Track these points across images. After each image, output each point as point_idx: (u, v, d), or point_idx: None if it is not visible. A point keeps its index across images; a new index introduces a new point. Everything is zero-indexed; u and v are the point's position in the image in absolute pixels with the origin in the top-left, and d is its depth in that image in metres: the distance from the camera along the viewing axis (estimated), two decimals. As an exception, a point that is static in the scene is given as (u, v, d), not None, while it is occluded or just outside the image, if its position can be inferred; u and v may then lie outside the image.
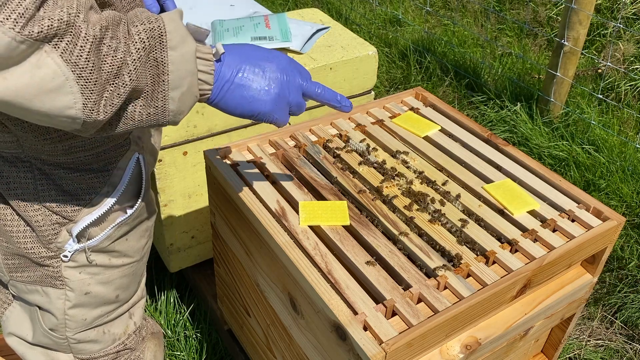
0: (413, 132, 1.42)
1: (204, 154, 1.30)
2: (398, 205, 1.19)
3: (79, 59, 0.63)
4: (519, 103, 2.85)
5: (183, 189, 1.65)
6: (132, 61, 0.68)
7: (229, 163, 1.27)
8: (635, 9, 3.45)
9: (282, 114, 0.87)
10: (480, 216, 1.17)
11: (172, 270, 1.83)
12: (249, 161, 1.29)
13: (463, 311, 0.97)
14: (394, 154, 1.34)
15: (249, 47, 0.85)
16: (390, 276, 1.02)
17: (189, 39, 0.73)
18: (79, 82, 0.64)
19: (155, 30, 0.70)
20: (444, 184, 1.25)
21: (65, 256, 0.92)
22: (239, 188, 1.19)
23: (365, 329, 0.93)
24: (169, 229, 1.70)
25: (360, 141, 1.38)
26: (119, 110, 0.71)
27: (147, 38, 0.69)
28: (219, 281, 1.57)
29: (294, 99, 0.88)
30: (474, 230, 1.13)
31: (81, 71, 0.63)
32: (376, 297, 0.99)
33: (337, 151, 1.34)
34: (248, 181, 1.22)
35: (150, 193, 1.04)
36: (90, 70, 0.64)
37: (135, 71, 0.68)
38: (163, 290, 1.96)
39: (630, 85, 2.99)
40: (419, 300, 0.99)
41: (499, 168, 1.32)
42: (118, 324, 1.07)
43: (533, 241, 1.12)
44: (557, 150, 2.58)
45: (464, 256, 1.07)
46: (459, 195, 1.22)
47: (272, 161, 1.29)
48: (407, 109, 1.53)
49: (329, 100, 0.93)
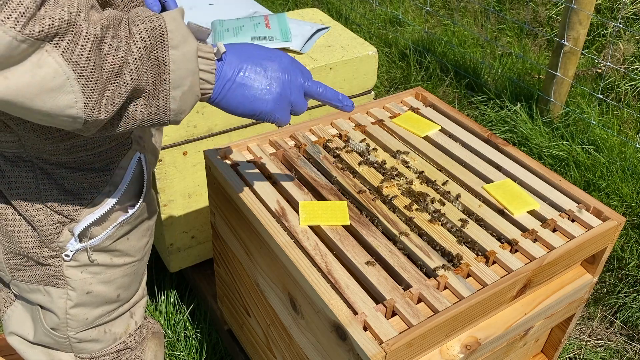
0: (413, 132, 1.43)
1: (204, 154, 1.30)
2: (398, 205, 1.19)
3: (80, 58, 0.63)
4: (519, 103, 2.85)
5: (183, 189, 1.65)
6: (134, 60, 0.68)
7: (229, 163, 1.27)
8: (635, 9, 3.45)
9: (284, 113, 0.86)
10: (480, 216, 1.17)
11: (172, 270, 1.83)
12: (249, 161, 1.29)
13: (463, 311, 0.97)
14: (394, 154, 1.34)
15: (251, 46, 0.85)
16: (390, 276, 1.03)
17: (190, 38, 0.73)
18: (80, 82, 0.63)
19: (156, 29, 0.70)
20: (444, 184, 1.25)
21: (67, 255, 0.92)
22: (239, 188, 1.19)
23: (365, 329, 0.93)
24: (169, 229, 1.71)
25: (360, 141, 1.38)
26: (120, 109, 0.71)
27: (149, 37, 0.69)
28: (219, 281, 1.57)
29: (295, 99, 0.87)
30: (474, 230, 1.13)
31: (82, 70, 0.63)
32: (376, 297, 0.99)
33: (337, 151, 1.34)
34: (248, 181, 1.22)
35: (152, 192, 1.04)
36: (92, 70, 0.64)
37: (136, 70, 0.68)
38: (163, 290, 1.96)
39: (630, 85, 2.99)
40: (419, 300, 0.99)
41: (499, 168, 1.32)
42: (119, 324, 1.07)
43: (533, 241, 1.12)
44: (557, 150, 2.58)
45: (464, 256, 1.07)
46: (459, 195, 1.22)
47: (272, 161, 1.30)
48: (407, 109, 1.53)
49: (330, 100, 0.92)
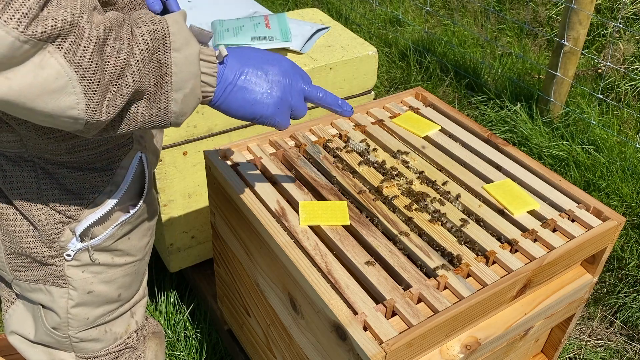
0: (413, 132, 1.43)
1: (204, 154, 1.30)
2: (398, 205, 1.19)
3: (82, 60, 0.63)
4: (519, 103, 2.85)
5: (183, 189, 1.65)
6: (136, 62, 0.68)
7: (229, 163, 1.28)
8: (635, 9, 3.45)
9: (284, 117, 0.86)
10: (480, 216, 1.17)
11: (172, 270, 1.83)
12: (249, 161, 1.29)
13: (463, 311, 0.97)
14: (394, 154, 1.34)
15: (252, 50, 0.85)
16: (390, 276, 1.03)
17: (192, 41, 0.73)
18: (82, 83, 0.64)
19: (159, 31, 0.70)
20: (444, 184, 1.25)
21: (69, 255, 0.93)
22: (239, 188, 1.19)
23: (365, 329, 0.93)
24: (169, 229, 1.71)
25: (360, 141, 1.38)
26: (122, 111, 0.71)
27: (151, 39, 0.69)
28: (219, 281, 1.57)
29: (296, 103, 0.87)
30: (474, 230, 1.13)
31: (84, 71, 0.63)
32: (376, 297, 0.99)
33: (337, 151, 1.34)
34: (248, 181, 1.22)
35: (153, 192, 1.04)
36: (94, 71, 0.64)
37: (138, 72, 0.68)
38: (163, 290, 1.96)
39: (630, 85, 2.99)
40: (419, 300, 0.99)
41: (499, 168, 1.32)
42: (120, 323, 1.07)
43: (533, 241, 1.12)
44: (557, 150, 2.58)
45: (464, 256, 1.07)
46: (459, 195, 1.22)
47: (272, 161, 1.30)
48: (407, 109, 1.53)
49: (330, 105, 0.93)
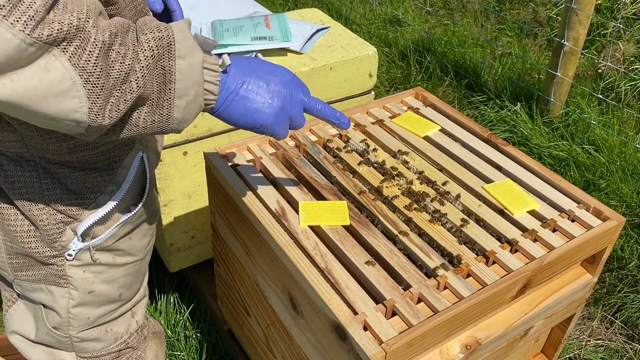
0: (413, 132, 1.43)
1: (204, 154, 1.30)
2: (398, 205, 1.19)
3: (87, 64, 0.63)
4: (519, 103, 2.85)
5: (183, 189, 1.65)
6: (140, 68, 0.69)
7: (229, 163, 1.28)
8: (635, 9, 3.45)
9: (283, 127, 0.88)
10: (480, 216, 1.17)
11: (172, 270, 1.83)
12: (248, 161, 1.29)
13: (463, 311, 0.97)
14: (394, 154, 1.35)
15: (255, 61, 0.87)
16: (390, 276, 1.03)
17: (197, 49, 0.74)
18: (85, 87, 0.64)
19: (164, 39, 0.71)
20: (444, 184, 1.25)
21: (70, 255, 0.93)
22: (239, 188, 1.19)
23: (365, 329, 0.93)
24: (169, 229, 1.71)
25: (360, 141, 1.38)
26: (124, 116, 0.72)
27: (156, 46, 0.70)
28: (219, 281, 1.57)
29: (295, 114, 0.90)
30: (474, 230, 1.13)
31: (89, 76, 0.64)
32: (376, 297, 0.99)
33: (337, 151, 1.34)
34: (248, 181, 1.22)
35: (154, 192, 1.05)
36: (98, 75, 0.64)
37: (142, 78, 0.69)
38: (163, 290, 1.96)
39: (630, 85, 2.99)
40: (419, 300, 0.99)
41: (499, 168, 1.32)
42: (120, 323, 1.07)
43: (533, 241, 1.12)
44: (557, 150, 2.58)
45: (464, 256, 1.07)
46: (459, 195, 1.22)
47: (272, 161, 1.30)
48: (407, 109, 1.53)
49: (328, 117, 0.95)
